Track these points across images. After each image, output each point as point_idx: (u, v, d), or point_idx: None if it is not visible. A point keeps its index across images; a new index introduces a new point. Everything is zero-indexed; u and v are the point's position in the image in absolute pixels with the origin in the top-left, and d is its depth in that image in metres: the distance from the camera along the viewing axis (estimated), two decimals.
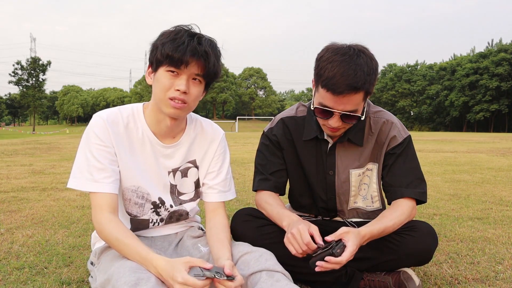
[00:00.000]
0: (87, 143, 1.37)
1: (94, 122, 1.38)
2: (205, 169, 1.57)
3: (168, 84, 1.32)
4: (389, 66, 76.23)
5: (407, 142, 1.61)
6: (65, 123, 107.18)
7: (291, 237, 1.36)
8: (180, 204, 1.56)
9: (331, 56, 1.39)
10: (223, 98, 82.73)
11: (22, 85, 58.18)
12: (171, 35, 1.32)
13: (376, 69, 1.42)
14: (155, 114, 1.43)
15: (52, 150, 11.00)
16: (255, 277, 1.25)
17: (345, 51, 1.38)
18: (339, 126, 1.47)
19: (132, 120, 1.44)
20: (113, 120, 1.40)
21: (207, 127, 1.58)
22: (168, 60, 1.30)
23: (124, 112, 1.44)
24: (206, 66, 1.32)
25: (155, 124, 1.44)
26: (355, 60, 1.36)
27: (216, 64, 1.35)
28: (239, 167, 6.46)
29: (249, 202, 3.51)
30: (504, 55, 54.34)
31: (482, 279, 1.74)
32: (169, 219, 1.56)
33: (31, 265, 1.87)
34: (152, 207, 1.51)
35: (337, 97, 1.38)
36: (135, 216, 1.51)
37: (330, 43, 1.47)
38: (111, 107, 1.47)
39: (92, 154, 1.35)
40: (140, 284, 1.15)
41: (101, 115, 1.39)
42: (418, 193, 1.56)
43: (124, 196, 1.47)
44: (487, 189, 4.32)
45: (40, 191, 4.06)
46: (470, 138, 22.30)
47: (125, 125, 1.42)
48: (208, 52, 1.32)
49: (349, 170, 1.64)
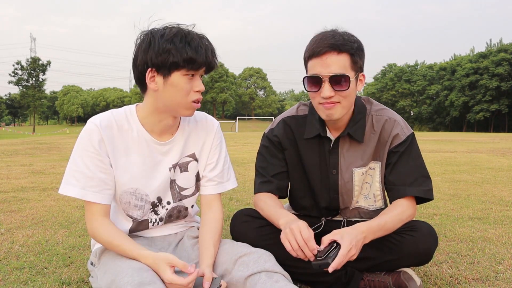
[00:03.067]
0: (79, 149, 1.37)
1: (87, 129, 1.38)
2: (204, 161, 1.57)
3: (188, 88, 1.34)
4: (389, 66, 76.19)
5: (410, 139, 1.59)
6: (65, 123, 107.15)
7: (289, 232, 1.33)
8: (179, 200, 1.56)
9: (313, 36, 1.50)
10: (223, 98, 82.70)
11: (22, 85, 58.16)
12: (183, 38, 1.30)
13: (359, 43, 1.49)
14: (156, 116, 1.42)
15: (52, 150, 11.00)
16: (254, 278, 1.25)
17: (326, 31, 1.50)
18: (332, 96, 1.45)
19: (126, 122, 1.43)
20: (106, 125, 1.39)
21: (202, 119, 1.58)
22: (190, 65, 1.30)
23: (116, 115, 1.44)
24: (213, 64, 1.37)
25: (154, 124, 1.44)
26: (334, 31, 1.48)
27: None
28: (239, 167, 6.46)
29: (249, 202, 3.51)
30: (504, 55, 54.28)
31: (482, 279, 1.74)
32: (168, 217, 1.57)
33: (31, 265, 1.87)
34: (151, 207, 1.51)
35: (320, 59, 1.43)
36: (135, 219, 1.52)
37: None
38: (107, 110, 1.48)
39: (83, 161, 1.36)
40: (143, 284, 1.15)
41: (94, 121, 1.39)
42: (422, 191, 1.54)
43: (123, 200, 1.47)
44: (487, 189, 4.32)
45: (40, 191, 4.06)
46: (470, 138, 22.30)
47: (119, 127, 1.42)
48: (214, 50, 1.37)
49: (352, 169, 1.63)
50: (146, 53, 1.31)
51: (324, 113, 1.51)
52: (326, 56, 1.43)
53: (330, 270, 1.23)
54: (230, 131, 47.38)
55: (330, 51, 1.42)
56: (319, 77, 1.44)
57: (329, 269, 1.22)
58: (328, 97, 1.45)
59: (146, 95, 1.41)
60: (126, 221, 1.52)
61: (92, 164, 1.36)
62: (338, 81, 1.43)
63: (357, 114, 1.60)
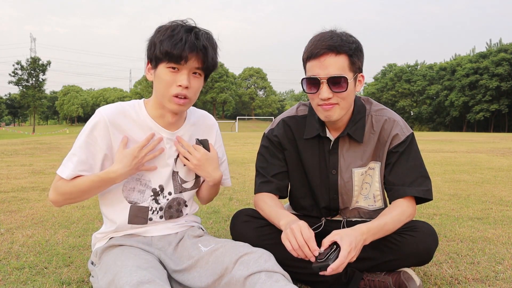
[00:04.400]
0: (81, 135, 1.45)
1: (93, 118, 1.45)
2: None
3: (170, 80, 1.38)
4: (389, 66, 76.19)
5: (409, 139, 1.59)
6: (65, 123, 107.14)
7: (289, 232, 1.33)
8: (180, 192, 1.60)
9: (311, 37, 1.50)
10: (223, 98, 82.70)
11: (22, 85, 58.13)
12: (168, 32, 1.36)
13: (358, 43, 1.49)
14: (157, 109, 1.50)
15: (52, 150, 11.00)
16: (254, 278, 1.25)
17: (325, 31, 1.50)
18: (330, 97, 1.45)
19: (134, 112, 1.50)
20: (114, 114, 1.46)
21: (204, 116, 1.67)
22: (168, 57, 1.35)
23: (125, 105, 1.51)
24: (205, 59, 1.38)
25: (158, 118, 1.51)
26: (333, 32, 1.48)
27: (214, 57, 1.42)
28: (239, 167, 6.46)
29: (249, 202, 3.51)
30: (504, 55, 54.27)
31: (482, 279, 1.74)
32: (168, 208, 1.58)
33: (31, 265, 1.87)
34: (152, 194, 1.55)
35: (318, 61, 1.44)
36: (135, 203, 1.53)
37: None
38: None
39: (79, 145, 1.43)
40: (142, 283, 1.15)
41: (101, 110, 1.46)
42: (422, 191, 1.54)
43: (128, 186, 1.52)
44: (487, 189, 4.32)
45: (40, 191, 4.06)
46: (470, 138, 22.30)
47: (126, 116, 1.48)
48: (206, 45, 1.37)
49: (351, 169, 1.63)
50: (146, 47, 1.42)
51: (323, 115, 1.52)
52: (324, 57, 1.43)
53: (329, 272, 1.23)
54: (230, 131, 47.37)
55: (328, 53, 1.42)
56: (317, 78, 1.44)
57: (328, 269, 1.22)
58: (326, 99, 1.45)
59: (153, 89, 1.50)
60: (123, 207, 1.53)
61: (85, 149, 1.43)
62: (336, 83, 1.44)
63: (357, 114, 1.60)
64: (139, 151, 1.44)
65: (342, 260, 1.24)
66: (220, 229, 2.53)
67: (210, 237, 1.56)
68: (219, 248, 1.42)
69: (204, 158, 1.53)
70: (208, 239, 1.52)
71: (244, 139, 18.97)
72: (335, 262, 1.24)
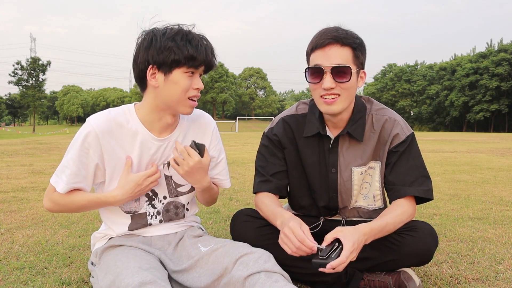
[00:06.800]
0: (72, 146, 1.42)
1: (84, 129, 1.41)
2: None
3: (188, 85, 1.38)
4: (389, 66, 76.16)
5: (410, 139, 1.59)
6: (65, 123, 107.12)
7: (283, 237, 1.34)
8: (176, 196, 1.59)
9: (316, 33, 1.52)
10: (223, 98, 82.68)
11: (22, 85, 58.17)
12: (184, 37, 1.35)
13: (362, 40, 1.52)
14: (155, 113, 1.46)
15: (52, 150, 11.00)
16: (253, 278, 1.25)
17: (330, 27, 1.52)
18: (333, 87, 1.45)
19: (125, 120, 1.46)
20: (103, 124, 1.42)
21: (199, 118, 1.63)
22: (191, 62, 1.35)
23: (115, 114, 1.46)
24: (212, 63, 1.41)
25: (154, 122, 1.47)
26: (338, 26, 1.51)
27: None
28: (239, 167, 6.46)
29: (249, 202, 3.50)
30: (504, 55, 54.23)
31: (482, 279, 1.74)
32: (165, 212, 1.58)
33: (31, 265, 1.87)
34: (147, 199, 1.54)
35: (323, 51, 1.45)
36: (134, 212, 1.53)
37: None
38: (106, 109, 1.52)
39: (70, 157, 1.41)
40: (144, 284, 1.16)
41: (91, 121, 1.42)
42: (422, 191, 1.54)
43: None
44: (487, 189, 4.32)
45: (40, 191, 4.06)
46: (470, 138, 22.30)
47: (117, 125, 1.44)
48: (213, 49, 1.41)
49: (351, 168, 1.63)
50: (147, 51, 1.36)
51: (324, 107, 1.51)
52: (329, 47, 1.45)
53: (328, 269, 1.22)
54: (230, 131, 47.36)
55: (333, 43, 1.44)
56: (321, 68, 1.45)
57: (328, 266, 1.22)
58: (329, 88, 1.46)
59: (146, 93, 1.44)
60: (124, 219, 1.53)
61: (76, 160, 1.41)
62: (339, 72, 1.44)
63: (357, 113, 1.60)
64: (144, 179, 1.43)
65: (343, 260, 1.24)
66: (220, 229, 2.53)
67: (209, 237, 1.56)
68: (219, 248, 1.42)
69: (197, 167, 1.45)
70: (208, 239, 1.52)
71: (244, 139, 18.96)
72: (335, 260, 1.23)
